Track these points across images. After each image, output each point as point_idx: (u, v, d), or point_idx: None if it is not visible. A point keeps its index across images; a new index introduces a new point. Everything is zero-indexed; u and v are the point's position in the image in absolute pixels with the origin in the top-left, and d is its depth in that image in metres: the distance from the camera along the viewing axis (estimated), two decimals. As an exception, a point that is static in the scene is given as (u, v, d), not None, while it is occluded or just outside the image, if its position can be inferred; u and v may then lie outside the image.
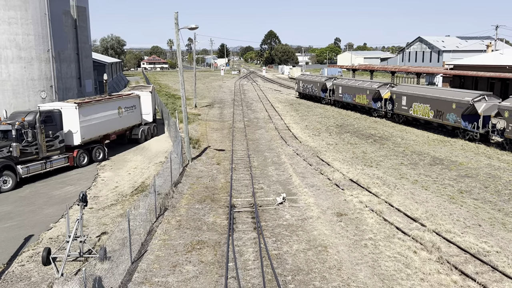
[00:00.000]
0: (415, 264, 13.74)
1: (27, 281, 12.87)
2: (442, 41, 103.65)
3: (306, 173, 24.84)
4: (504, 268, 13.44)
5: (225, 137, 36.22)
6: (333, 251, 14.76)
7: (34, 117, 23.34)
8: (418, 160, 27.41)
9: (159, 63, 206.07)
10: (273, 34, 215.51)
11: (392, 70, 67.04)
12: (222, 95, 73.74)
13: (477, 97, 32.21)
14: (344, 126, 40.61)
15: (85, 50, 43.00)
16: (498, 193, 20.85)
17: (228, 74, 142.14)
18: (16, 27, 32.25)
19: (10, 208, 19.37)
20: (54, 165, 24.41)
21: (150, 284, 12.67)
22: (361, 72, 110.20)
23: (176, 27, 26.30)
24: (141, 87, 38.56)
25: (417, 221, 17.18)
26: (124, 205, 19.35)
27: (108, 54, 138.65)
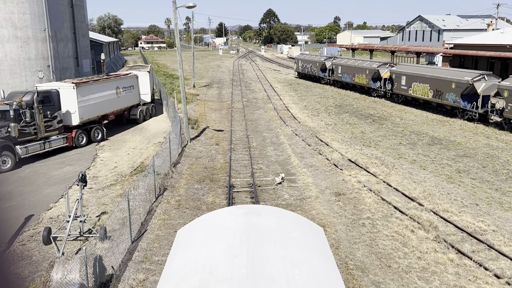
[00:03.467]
0: (412, 243, 13.90)
1: (28, 260, 13.00)
2: (442, 20, 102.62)
3: (304, 153, 24.89)
4: (500, 246, 13.61)
5: (224, 118, 36.16)
6: (331, 230, 14.90)
7: (31, 97, 23.22)
8: (416, 140, 27.45)
9: (157, 42, 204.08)
10: (272, 12, 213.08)
11: (392, 50, 66.57)
12: (220, 75, 73.31)
13: (476, 77, 32.08)
14: (343, 106, 40.52)
15: (82, 29, 42.48)
16: (496, 172, 20.96)
17: (227, 53, 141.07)
18: (11, 6, 31.79)
19: (10, 188, 19.44)
20: (52, 145, 24.40)
21: (150, 263, 12.82)
22: (360, 51, 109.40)
23: (173, 5, 25.96)
24: (139, 67, 38.27)
25: (415, 201, 17.31)
26: (124, 185, 19.43)
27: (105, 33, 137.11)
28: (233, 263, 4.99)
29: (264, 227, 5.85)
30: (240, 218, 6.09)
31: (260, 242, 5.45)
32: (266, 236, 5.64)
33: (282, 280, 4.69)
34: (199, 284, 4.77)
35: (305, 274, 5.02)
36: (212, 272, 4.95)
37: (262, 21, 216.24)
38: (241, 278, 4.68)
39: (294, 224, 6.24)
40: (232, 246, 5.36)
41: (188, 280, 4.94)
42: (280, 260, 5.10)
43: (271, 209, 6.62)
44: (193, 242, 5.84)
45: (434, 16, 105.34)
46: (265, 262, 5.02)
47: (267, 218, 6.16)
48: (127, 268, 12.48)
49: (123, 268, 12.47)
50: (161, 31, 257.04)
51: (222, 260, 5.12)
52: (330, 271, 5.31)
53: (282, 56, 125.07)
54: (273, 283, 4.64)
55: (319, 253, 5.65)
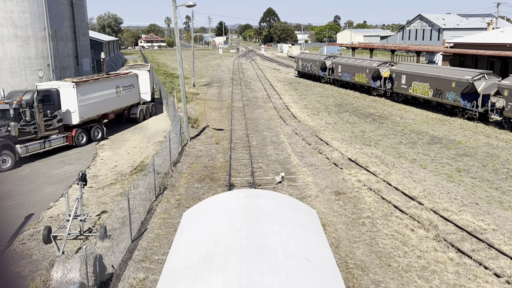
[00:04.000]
0: (412, 242, 13.90)
1: (29, 259, 13.01)
2: (442, 19, 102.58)
3: (304, 152, 24.90)
4: (500, 245, 13.62)
5: (224, 117, 36.15)
6: (331, 229, 14.91)
7: (31, 96, 23.22)
8: (416, 139, 27.45)
9: (157, 41, 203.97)
10: (272, 11, 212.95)
11: (392, 49, 66.51)
12: (220, 74, 73.29)
13: (476, 76, 32.06)
14: (343, 105, 40.51)
15: (82, 28, 42.45)
16: (496, 171, 20.96)
17: (227, 52, 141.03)
18: (11, 5, 31.78)
19: (10, 187, 19.44)
20: (52, 144, 24.40)
21: (150, 262, 12.82)
22: (360, 50, 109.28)
23: (173, 4, 25.94)
24: (139, 66, 38.26)
25: (415, 200, 17.31)
26: (124, 184, 19.43)
27: (105, 32, 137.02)
28: (235, 237, 5.53)
29: (262, 208, 6.41)
30: (241, 200, 6.68)
31: (259, 220, 5.99)
32: (264, 215, 6.20)
33: (278, 250, 5.24)
34: (205, 254, 5.31)
35: (299, 246, 5.57)
36: (216, 244, 5.48)
37: (262, 20, 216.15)
38: (242, 248, 5.24)
39: (290, 206, 6.83)
40: (234, 223, 5.89)
41: (195, 251, 5.49)
42: (277, 235, 5.64)
43: (269, 193, 7.25)
44: (198, 221, 6.42)
45: (434, 15, 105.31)
46: (263, 236, 5.57)
47: (266, 200, 6.75)
48: (127, 267, 12.49)
49: (123, 267, 12.48)
50: (161, 30, 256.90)
51: (225, 234, 5.66)
52: (321, 245, 5.90)
53: (282, 55, 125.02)
54: (270, 252, 5.20)
55: (311, 230, 6.25)
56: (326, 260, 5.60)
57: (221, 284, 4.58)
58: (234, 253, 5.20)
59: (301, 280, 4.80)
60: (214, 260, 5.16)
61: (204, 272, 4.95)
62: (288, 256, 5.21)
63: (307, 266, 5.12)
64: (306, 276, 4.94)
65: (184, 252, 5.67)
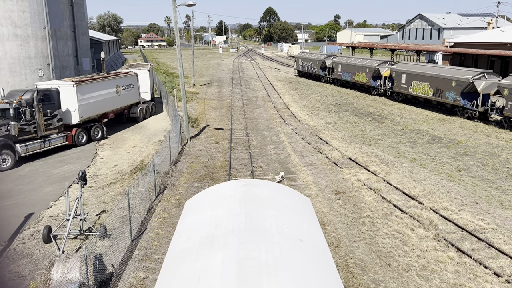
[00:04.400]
0: (412, 241, 13.91)
1: (29, 258, 13.01)
2: (442, 18, 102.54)
3: (304, 151, 24.90)
4: (500, 245, 13.62)
5: (224, 116, 36.15)
6: (331, 229, 14.91)
7: (31, 95, 23.21)
8: (416, 139, 27.45)
9: (157, 40, 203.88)
10: (272, 11, 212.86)
11: (392, 48, 66.48)
12: (220, 73, 73.27)
13: (476, 75, 32.06)
14: (343, 105, 40.51)
15: (82, 28, 42.42)
16: (496, 171, 20.96)
17: (227, 52, 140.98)
18: (11, 4, 31.76)
19: (9, 186, 19.45)
20: (52, 143, 24.40)
21: (151, 261, 12.83)
22: (360, 49, 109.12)
23: (173, 3, 25.93)
24: (139, 65, 38.24)
25: (415, 199, 17.32)
26: (124, 184, 19.43)
27: (105, 31, 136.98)
28: (234, 220, 6.01)
29: (259, 195, 6.91)
30: (239, 189, 7.20)
31: (256, 206, 6.47)
32: (261, 201, 6.68)
33: (274, 231, 5.70)
34: (206, 235, 5.78)
35: (292, 228, 6.04)
36: (217, 227, 5.95)
37: (262, 20, 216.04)
38: (240, 230, 5.71)
39: (285, 194, 7.36)
40: (233, 209, 6.38)
41: (197, 233, 5.98)
42: (272, 218, 6.10)
43: (266, 182, 7.79)
44: (200, 208, 6.93)
45: (434, 14, 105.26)
46: (260, 219, 6.03)
47: (262, 189, 7.29)
48: (127, 267, 12.50)
49: (123, 267, 12.48)
50: (161, 29, 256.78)
51: (225, 218, 6.13)
52: (313, 228, 6.37)
53: (282, 55, 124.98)
54: (266, 233, 5.67)
55: (305, 215, 6.73)
56: (318, 241, 6.07)
57: (221, 259, 5.02)
58: (233, 234, 5.63)
59: (293, 256, 5.23)
60: (215, 240, 5.60)
61: (206, 250, 5.40)
62: (282, 237, 5.65)
63: (299, 245, 5.58)
64: (298, 253, 5.37)
65: (187, 235, 6.15)
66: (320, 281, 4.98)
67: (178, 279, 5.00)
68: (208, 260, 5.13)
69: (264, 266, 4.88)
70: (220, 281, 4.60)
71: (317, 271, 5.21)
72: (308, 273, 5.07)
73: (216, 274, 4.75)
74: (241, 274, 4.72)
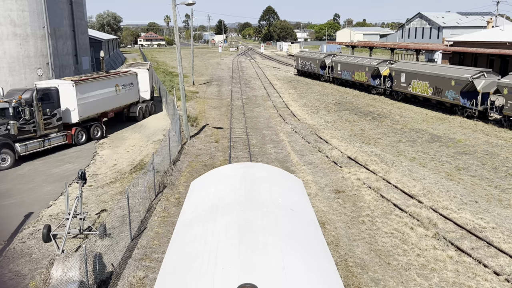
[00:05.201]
0: (411, 240, 13.92)
1: (28, 257, 13.01)
2: (442, 17, 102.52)
3: (304, 150, 24.90)
4: (499, 243, 13.63)
5: (223, 115, 36.14)
6: (331, 228, 14.92)
7: (31, 95, 23.19)
8: (416, 138, 27.45)
9: (156, 39, 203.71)
10: (271, 10, 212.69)
11: (392, 47, 66.49)
12: (220, 72, 73.24)
13: (476, 74, 32.06)
14: (342, 104, 40.51)
15: (81, 27, 42.37)
16: (495, 170, 20.98)
17: (226, 51, 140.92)
18: (10, 3, 31.72)
19: (9, 185, 19.44)
20: (52, 143, 24.38)
21: (150, 260, 12.83)
22: (360, 48, 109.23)
23: (173, 2, 25.91)
24: (138, 64, 38.22)
25: (414, 198, 17.33)
26: (123, 183, 19.43)
27: (104, 30, 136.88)
28: (235, 194, 6.86)
29: (256, 175, 7.77)
30: (239, 170, 8.06)
31: (254, 183, 7.33)
32: (258, 180, 7.53)
33: (269, 202, 6.55)
34: (211, 206, 6.64)
35: (285, 201, 6.92)
36: (220, 199, 6.80)
37: (262, 18, 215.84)
38: (240, 201, 6.54)
39: (279, 174, 8.28)
40: (234, 185, 7.25)
41: (203, 205, 6.81)
42: (268, 193, 6.98)
43: (262, 165, 8.64)
44: (204, 186, 7.80)
45: (433, 13, 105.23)
46: (257, 193, 6.90)
47: (260, 170, 8.14)
48: (127, 266, 12.50)
49: (123, 266, 12.48)
50: (160, 28, 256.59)
51: (227, 192, 7.00)
52: (304, 202, 7.23)
53: (281, 54, 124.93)
54: (263, 204, 6.51)
55: (297, 192, 7.61)
56: (307, 212, 6.94)
57: (225, 223, 5.87)
58: (235, 204, 6.48)
59: (286, 222, 6.09)
60: (219, 209, 6.45)
61: (212, 217, 6.25)
62: (277, 207, 6.52)
63: (291, 214, 6.46)
64: (290, 220, 6.25)
65: (194, 207, 7.00)
66: (308, 239, 5.88)
67: (188, 239, 5.85)
68: (213, 224, 5.96)
69: (261, 227, 5.75)
70: (225, 237, 5.48)
71: (306, 232, 6.08)
72: (298, 233, 5.93)
73: (221, 233, 5.61)
74: (241, 233, 5.58)
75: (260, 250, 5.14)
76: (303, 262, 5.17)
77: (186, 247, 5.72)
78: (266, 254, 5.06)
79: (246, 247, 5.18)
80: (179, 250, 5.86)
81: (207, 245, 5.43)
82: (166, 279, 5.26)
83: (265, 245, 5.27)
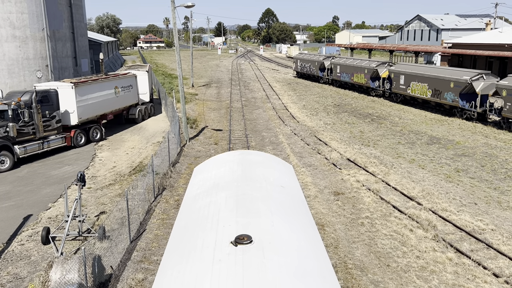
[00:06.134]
0: (411, 242, 13.91)
1: (27, 260, 12.99)
2: (441, 19, 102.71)
3: (303, 152, 24.90)
4: (498, 245, 13.63)
5: (223, 117, 36.15)
6: (330, 230, 14.91)
7: (30, 97, 23.18)
8: (415, 139, 27.47)
9: (156, 42, 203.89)
10: (270, 12, 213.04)
11: (391, 49, 66.61)
12: (219, 74, 73.28)
13: (475, 76, 32.11)
14: (341, 106, 40.53)
15: (81, 29, 42.40)
16: (494, 172, 20.99)
17: (225, 53, 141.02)
18: (9, 5, 31.75)
19: (8, 188, 19.42)
20: (51, 145, 24.36)
21: (149, 263, 12.81)
22: (359, 51, 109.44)
23: (172, 5, 25.94)
24: (137, 67, 38.22)
25: (414, 200, 17.32)
26: (122, 185, 19.41)
27: (103, 33, 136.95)
28: (233, 174, 7.88)
29: (252, 160, 8.77)
30: (237, 156, 9.03)
31: (249, 166, 8.35)
32: (253, 163, 8.54)
33: (262, 180, 7.62)
34: (213, 184, 7.70)
35: (276, 179, 7.94)
36: (220, 179, 7.84)
37: (261, 21, 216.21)
38: (238, 179, 7.58)
39: (272, 160, 9.25)
40: (232, 167, 8.27)
41: (205, 184, 7.88)
42: (261, 173, 8.01)
43: (257, 152, 9.59)
44: (206, 170, 8.80)
45: (432, 15, 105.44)
46: (253, 173, 7.93)
47: (255, 156, 9.10)
48: (126, 268, 12.48)
49: (122, 268, 12.46)
50: (159, 30, 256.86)
51: (226, 173, 8.02)
52: (293, 182, 8.27)
53: (281, 56, 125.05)
54: (256, 181, 7.54)
55: (287, 174, 8.64)
56: (295, 189, 7.91)
57: (224, 196, 6.93)
58: (232, 181, 7.51)
59: (276, 195, 7.08)
60: (219, 186, 7.48)
61: (213, 191, 7.31)
62: (268, 183, 7.56)
63: (280, 189, 7.48)
64: (279, 194, 7.24)
65: (198, 186, 8.01)
66: (295, 209, 6.85)
67: (194, 208, 6.97)
68: (215, 197, 7.04)
69: (254, 198, 6.75)
70: (225, 205, 6.53)
71: (293, 204, 7.06)
72: (286, 204, 6.91)
73: (222, 203, 6.67)
74: (238, 202, 6.61)
75: (254, 214, 6.16)
76: (290, 222, 6.19)
77: (192, 215, 6.80)
78: (258, 216, 6.06)
79: (242, 211, 6.23)
80: (187, 216, 6.89)
81: (210, 211, 6.52)
82: (177, 236, 6.29)
83: (257, 210, 6.30)
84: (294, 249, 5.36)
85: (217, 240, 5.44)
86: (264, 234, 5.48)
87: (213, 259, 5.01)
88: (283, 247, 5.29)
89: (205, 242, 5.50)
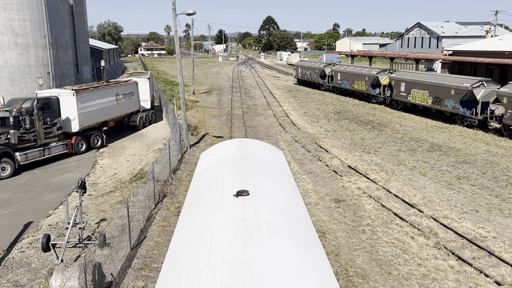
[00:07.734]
0: (412, 250, 13.86)
1: (27, 267, 12.95)
2: (441, 27, 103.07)
3: (304, 159, 24.89)
4: (500, 253, 13.57)
5: (224, 124, 36.18)
6: (331, 237, 14.86)
7: (31, 104, 23.24)
8: (416, 147, 27.46)
9: (157, 49, 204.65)
10: (271, 19, 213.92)
11: (391, 56, 66.77)
12: (220, 81, 73.46)
13: (475, 83, 32.15)
14: (342, 113, 40.57)
15: (82, 36, 42.59)
16: (496, 179, 20.95)
17: (226, 60, 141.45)
18: (12, 13, 31.92)
19: (9, 195, 19.41)
20: (52, 152, 24.38)
21: (150, 270, 12.77)
22: (360, 58, 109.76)
23: (173, 12, 26.07)
24: (138, 74, 38.34)
25: (415, 207, 17.28)
26: (123, 192, 19.40)
27: (105, 40, 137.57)
28: (233, 155, 9.42)
29: (249, 146, 10.37)
30: (237, 143, 10.67)
31: (247, 149, 9.93)
32: (250, 148, 10.16)
33: (257, 159, 9.19)
34: (217, 162, 9.26)
35: (269, 158, 9.57)
36: (223, 158, 9.40)
37: (262, 28, 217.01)
38: (237, 158, 9.15)
39: (267, 146, 10.91)
40: (232, 151, 9.84)
41: (211, 162, 9.48)
42: (256, 155, 9.56)
43: (254, 140, 11.24)
44: (211, 153, 10.45)
45: (433, 23, 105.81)
46: (249, 154, 9.52)
47: (252, 143, 10.75)
48: (126, 275, 12.43)
49: (122, 275, 12.42)
50: (161, 38, 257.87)
51: (228, 154, 9.60)
52: (282, 162, 9.96)
53: (281, 63, 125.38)
54: (252, 159, 9.10)
55: (278, 156, 10.34)
56: (285, 166, 9.72)
57: (227, 169, 8.50)
58: (233, 159, 9.08)
59: (268, 169, 8.67)
60: (223, 163, 9.02)
61: (218, 167, 8.88)
62: (262, 161, 9.16)
63: (272, 165, 9.14)
64: (271, 168, 8.84)
65: (204, 165, 9.67)
66: (282, 179, 8.51)
67: (204, 178, 8.64)
68: (219, 169, 8.64)
69: (251, 170, 8.38)
70: (228, 174, 8.14)
71: (282, 176, 8.70)
72: (276, 175, 8.55)
73: (225, 173, 8.26)
74: (238, 172, 8.25)
75: (251, 179, 7.87)
76: (279, 186, 7.96)
77: (201, 182, 8.46)
78: (254, 181, 7.80)
79: (241, 178, 7.93)
80: (198, 183, 8.58)
81: (217, 178, 8.18)
82: (191, 196, 7.99)
83: (253, 177, 7.99)
84: (280, 200, 7.22)
85: (223, 195, 7.20)
86: (259, 190, 7.35)
87: (221, 205, 6.80)
88: (273, 198, 7.18)
89: (214, 197, 7.27)
